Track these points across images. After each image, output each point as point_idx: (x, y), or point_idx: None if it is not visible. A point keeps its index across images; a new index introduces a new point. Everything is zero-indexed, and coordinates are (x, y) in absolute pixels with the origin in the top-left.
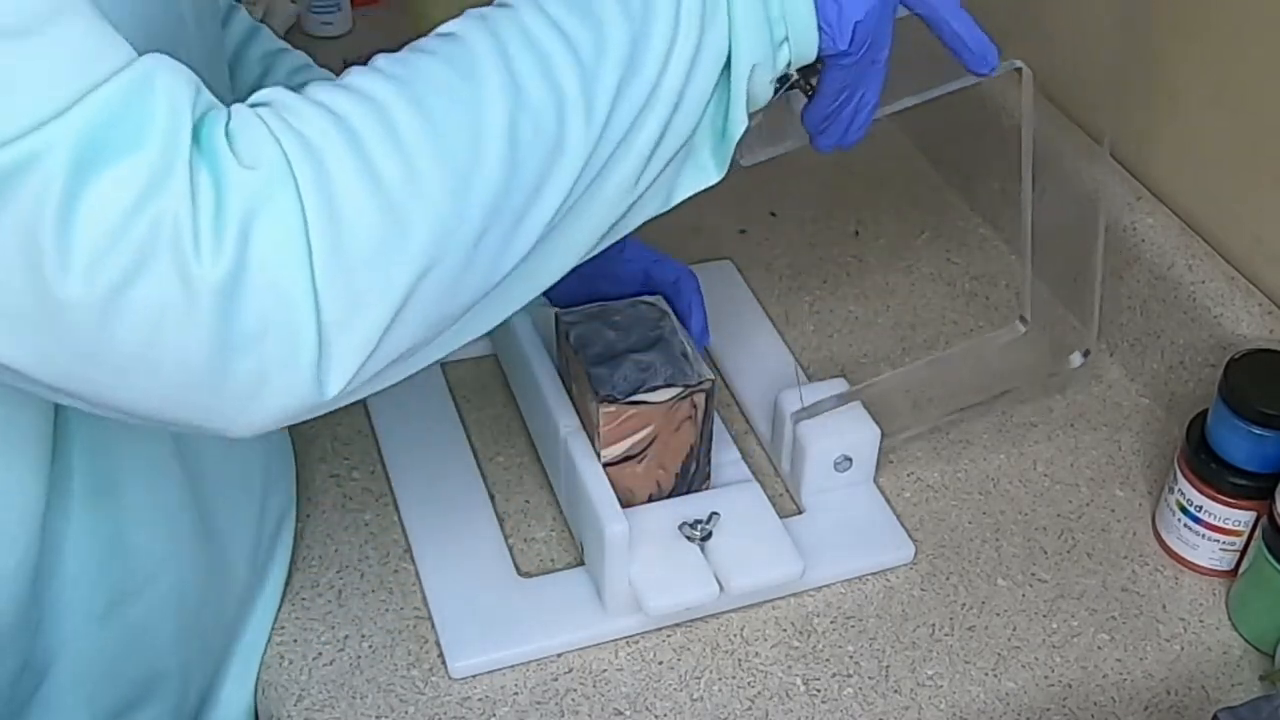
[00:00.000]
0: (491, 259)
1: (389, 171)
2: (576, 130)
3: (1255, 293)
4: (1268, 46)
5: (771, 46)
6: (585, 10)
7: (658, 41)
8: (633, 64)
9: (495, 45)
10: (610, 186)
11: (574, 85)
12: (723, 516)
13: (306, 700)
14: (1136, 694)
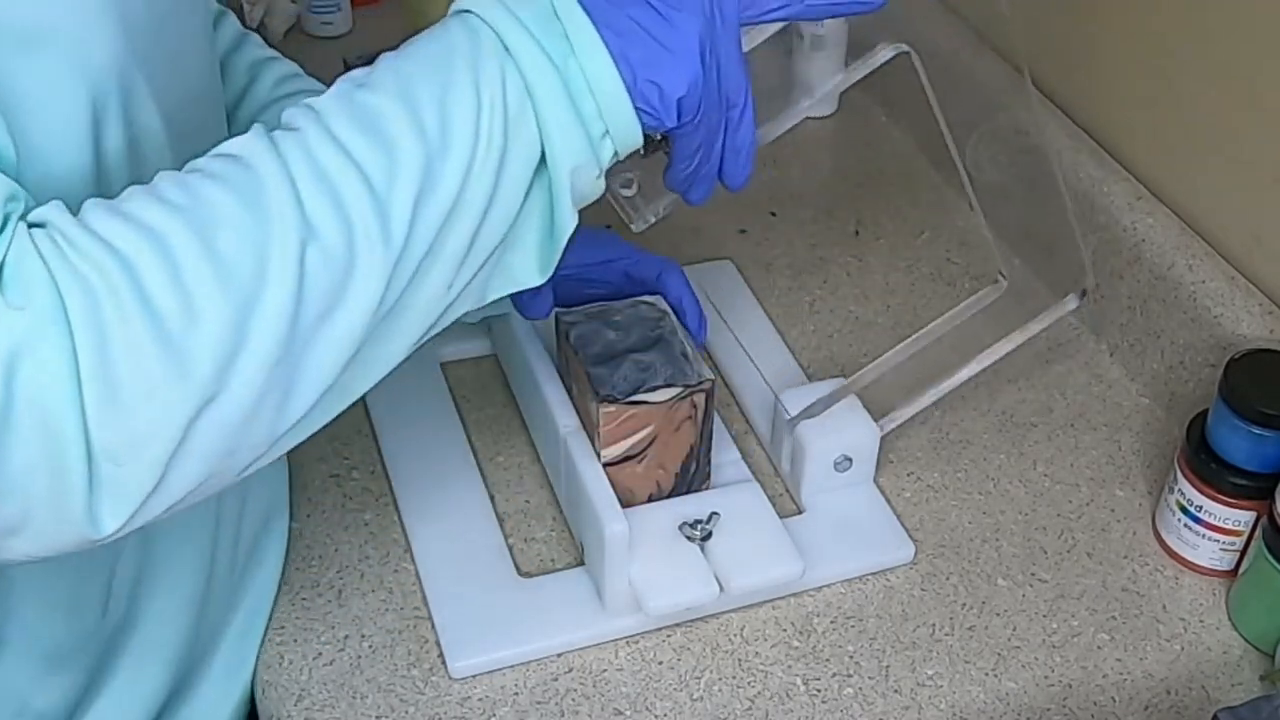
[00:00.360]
0: (286, 387)
1: (167, 307)
2: (372, 254)
3: (1255, 293)
4: (1268, 46)
5: (591, 145)
6: (375, 131)
7: (456, 156)
8: (429, 181)
9: (282, 174)
10: (421, 297)
11: (366, 211)
12: (723, 516)
13: (306, 700)
14: (1136, 694)
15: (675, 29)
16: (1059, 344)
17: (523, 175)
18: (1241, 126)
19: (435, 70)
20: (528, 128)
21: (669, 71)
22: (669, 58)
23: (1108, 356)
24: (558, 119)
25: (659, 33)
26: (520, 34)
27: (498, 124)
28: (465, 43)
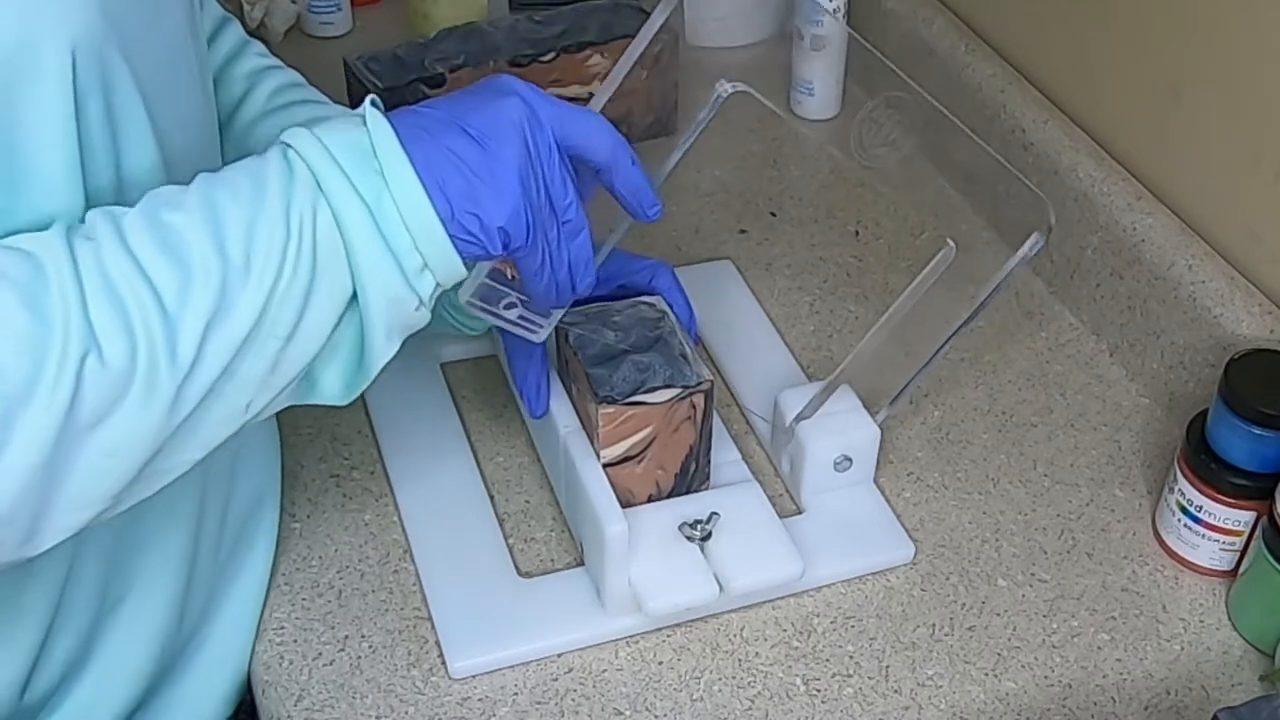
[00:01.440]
0: (45, 493)
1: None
2: (155, 373)
3: (1255, 293)
4: (1268, 46)
5: (406, 279)
6: (174, 250)
7: (257, 284)
8: (225, 306)
9: (72, 281)
10: (214, 415)
11: (154, 329)
12: (723, 516)
13: (306, 700)
14: (1136, 694)
15: (493, 158)
16: (1059, 344)
17: (332, 308)
18: (1241, 126)
19: (247, 198)
20: (338, 263)
21: (488, 202)
22: (488, 188)
23: (1108, 356)
24: (369, 256)
25: (477, 163)
26: (333, 171)
27: (305, 257)
28: (281, 175)
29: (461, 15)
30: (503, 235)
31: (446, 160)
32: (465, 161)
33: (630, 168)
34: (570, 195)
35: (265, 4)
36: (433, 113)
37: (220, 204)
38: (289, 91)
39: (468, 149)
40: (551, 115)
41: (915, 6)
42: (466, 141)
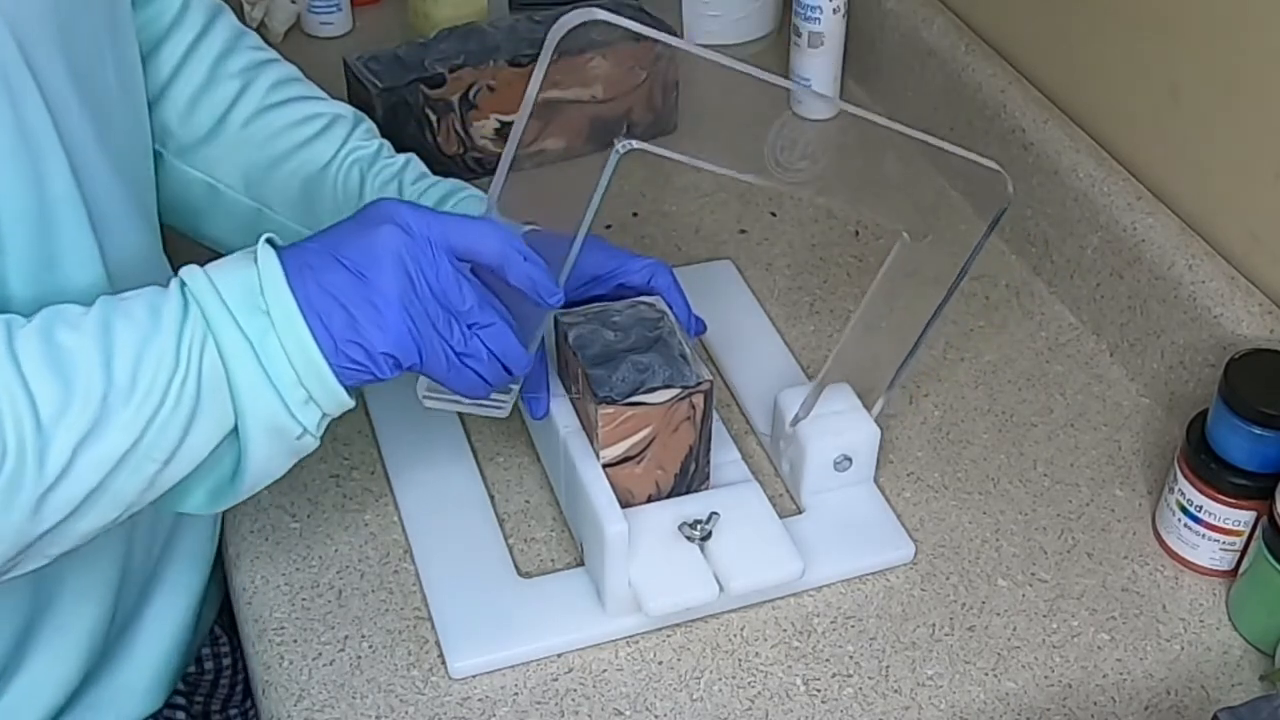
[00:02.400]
0: None
1: None
2: (20, 480)
3: (1255, 293)
4: (1267, 46)
5: (289, 411)
6: (60, 366)
7: (138, 408)
8: (103, 425)
9: None
10: (83, 525)
11: (26, 439)
12: (723, 516)
13: (306, 700)
14: (1136, 694)
15: (372, 289)
16: (1059, 344)
17: (212, 436)
18: (1241, 126)
19: (143, 327)
20: (221, 397)
21: (370, 331)
22: (368, 319)
23: (1108, 356)
24: (251, 390)
25: (356, 295)
26: (220, 312)
27: (190, 388)
28: (176, 309)
29: (461, 15)
30: (389, 360)
31: (327, 295)
32: (346, 295)
33: (522, 265)
34: (469, 299)
35: (265, 4)
36: (315, 247)
37: (115, 328)
38: (289, 86)
39: (347, 283)
40: (434, 231)
41: (915, 6)
42: (345, 275)
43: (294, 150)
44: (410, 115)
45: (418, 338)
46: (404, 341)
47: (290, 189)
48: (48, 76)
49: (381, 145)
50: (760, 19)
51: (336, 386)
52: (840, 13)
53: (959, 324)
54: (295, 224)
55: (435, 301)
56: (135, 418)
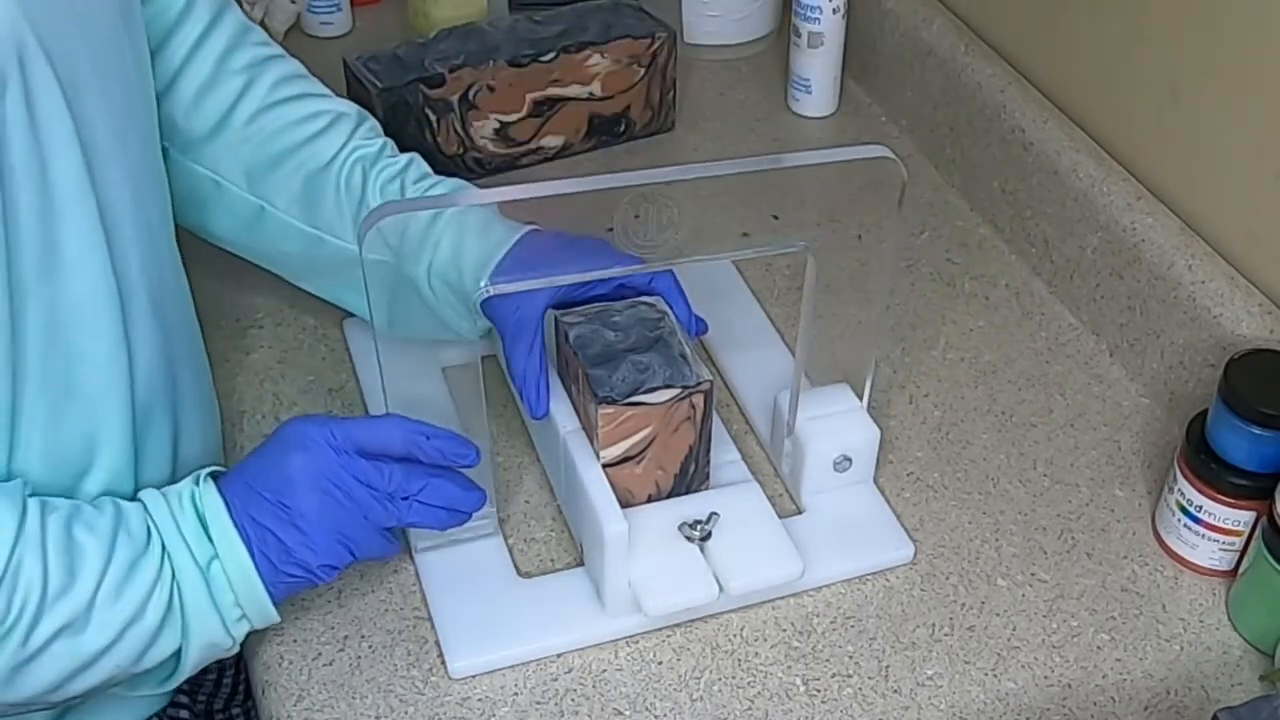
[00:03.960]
0: None
1: None
2: (8, 645)
3: (1255, 293)
4: (1267, 46)
5: (226, 628)
6: (71, 560)
7: (116, 615)
8: (83, 622)
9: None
10: (37, 695)
11: (27, 610)
12: (722, 517)
13: (306, 700)
14: (1136, 694)
15: (294, 514)
16: (1059, 344)
17: (166, 649)
18: (1241, 126)
19: (138, 544)
20: (175, 617)
21: (302, 552)
22: (298, 542)
23: (1108, 356)
24: (198, 614)
25: (282, 524)
26: (177, 543)
27: (159, 606)
28: (153, 536)
29: (461, 15)
30: (327, 570)
31: (260, 527)
32: (273, 524)
33: (429, 445)
34: (393, 480)
35: (265, 4)
36: (240, 482)
37: (119, 541)
38: (293, 84)
39: (271, 514)
40: (338, 439)
41: (915, 6)
42: (269, 507)
43: (297, 147)
44: (410, 115)
45: (347, 541)
46: (334, 550)
47: (292, 186)
48: (66, 69)
49: (385, 144)
50: (760, 19)
51: (269, 607)
52: (840, 13)
53: (959, 324)
54: (297, 221)
55: (356, 502)
56: (113, 622)
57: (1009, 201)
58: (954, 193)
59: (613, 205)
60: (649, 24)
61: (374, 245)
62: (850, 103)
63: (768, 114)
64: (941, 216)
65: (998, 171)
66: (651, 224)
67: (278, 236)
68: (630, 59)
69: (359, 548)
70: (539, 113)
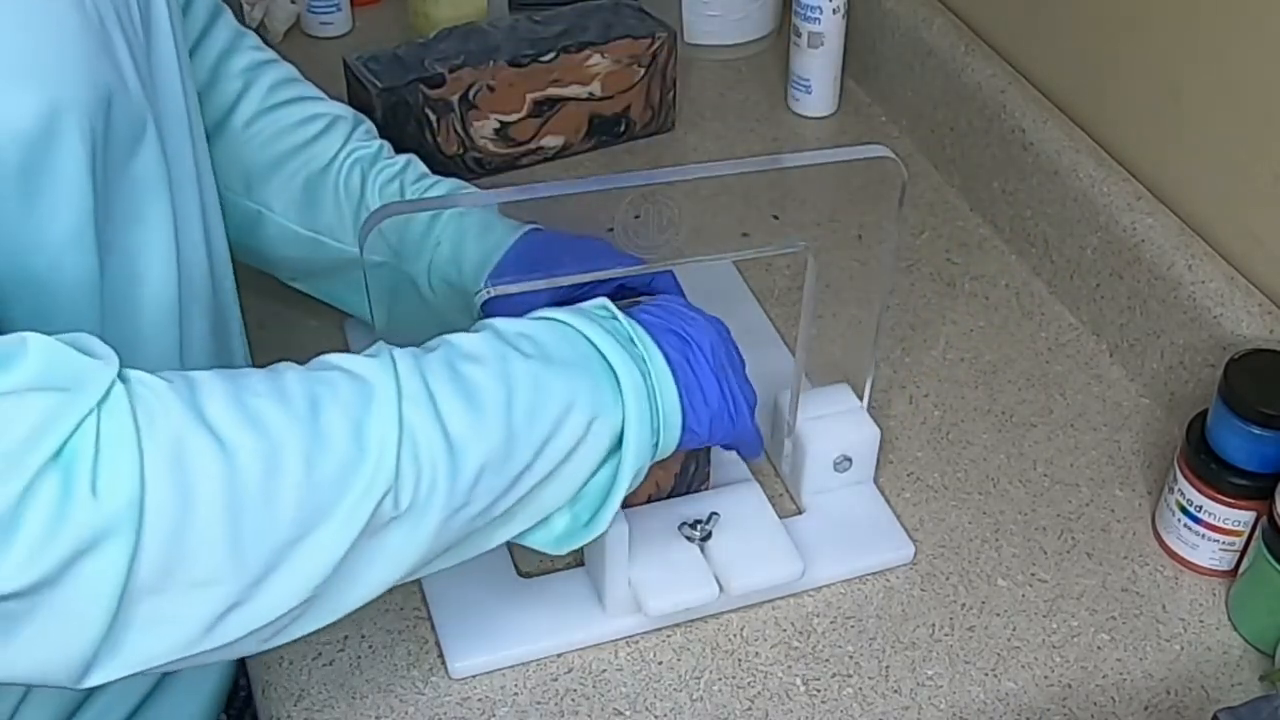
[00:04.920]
0: (306, 607)
1: (251, 513)
2: (430, 506)
3: (1255, 293)
4: (1268, 46)
5: (648, 458)
6: (469, 394)
7: (549, 455)
8: (509, 458)
9: (394, 423)
10: (469, 544)
11: (440, 470)
12: (723, 516)
13: (306, 700)
14: (1136, 694)
15: (698, 354)
16: (1059, 344)
17: (597, 482)
18: (1241, 127)
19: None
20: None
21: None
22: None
23: (1108, 356)
24: (639, 442)
25: (690, 363)
26: (633, 376)
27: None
28: (591, 362)
29: (461, 15)
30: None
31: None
32: (688, 362)
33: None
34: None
35: (265, 4)
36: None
37: (544, 383)
38: (288, 87)
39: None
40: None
41: (915, 6)
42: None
43: (296, 150)
44: (410, 115)
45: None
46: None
47: (292, 189)
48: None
49: (382, 146)
50: (760, 19)
51: (678, 438)
52: (840, 13)
53: (959, 324)
54: (296, 225)
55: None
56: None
57: (1009, 201)
58: (954, 193)
59: (613, 205)
60: (649, 24)
61: (374, 246)
62: (850, 103)
63: (768, 114)
64: (941, 216)
65: (998, 171)
66: (651, 224)
67: (276, 241)
68: (630, 59)
69: (741, 417)
70: (539, 113)
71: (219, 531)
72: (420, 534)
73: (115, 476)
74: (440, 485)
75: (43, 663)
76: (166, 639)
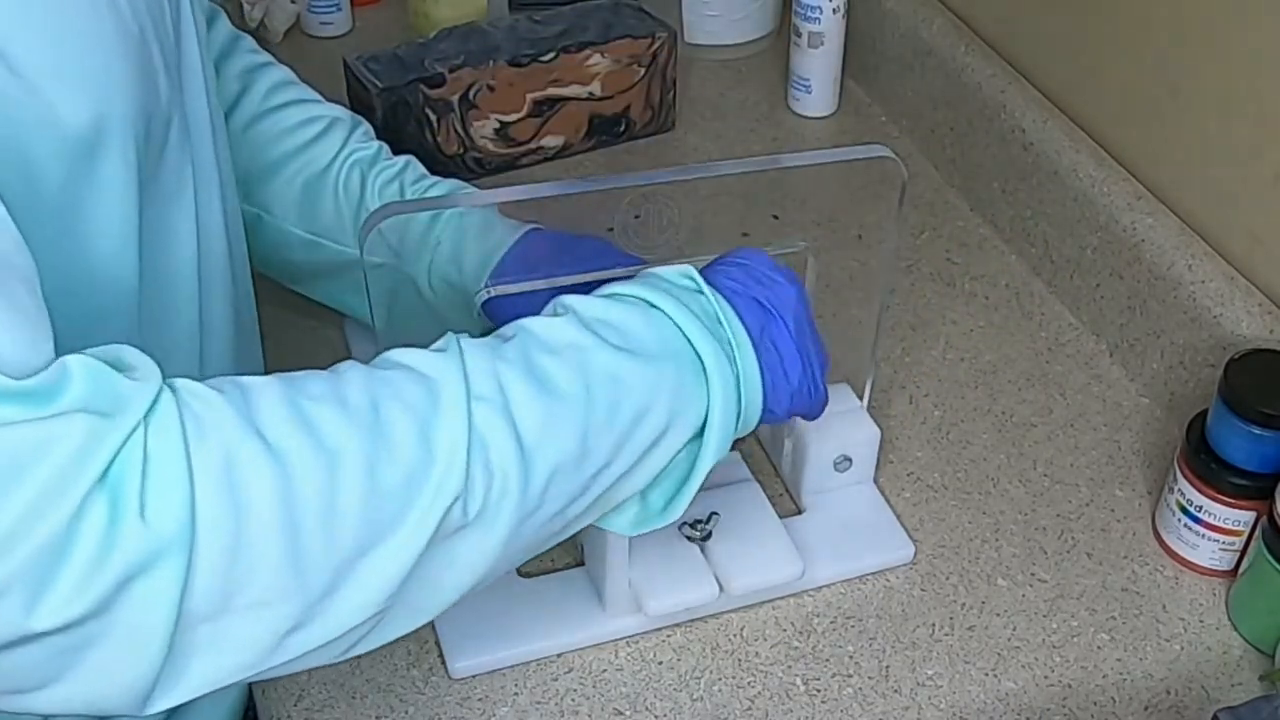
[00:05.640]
0: (375, 622)
1: (310, 529)
2: (501, 510)
3: (1255, 293)
4: (1268, 46)
5: (728, 445)
6: (544, 385)
7: (632, 448)
8: (584, 459)
9: (463, 426)
10: (542, 534)
11: (511, 474)
12: (723, 516)
13: (306, 700)
14: (1136, 694)
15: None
16: (1059, 344)
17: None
18: (1241, 126)
19: (651, 378)
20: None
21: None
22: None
23: (1108, 356)
24: (721, 432)
25: (783, 347)
26: (721, 365)
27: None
28: (679, 354)
29: (461, 15)
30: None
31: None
32: (779, 348)
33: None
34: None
35: (265, 4)
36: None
37: (626, 382)
38: (283, 90)
39: (781, 335)
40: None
41: (915, 6)
42: (780, 327)
43: (295, 153)
44: (410, 115)
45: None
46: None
47: (291, 192)
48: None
49: (381, 147)
50: (760, 19)
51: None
52: (840, 13)
53: (959, 324)
54: (295, 228)
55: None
56: (621, 464)
57: (1009, 201)
58: (954, 193)
59: (613, 205)
60: (649, 24)
61: (374, 247)
62: (850, 103)
63: (768, 114)
64: (941, 216)
65: (998, 171)
66: (651, 224)
67: (276, 244)
68: (630, 59)
69: (818, 389)
70: (539, 113)
71: (277, 548)
72: (491, 541)
73: (164, 497)
74: (512, 490)
75: (102, 693)
76: (229, 661)
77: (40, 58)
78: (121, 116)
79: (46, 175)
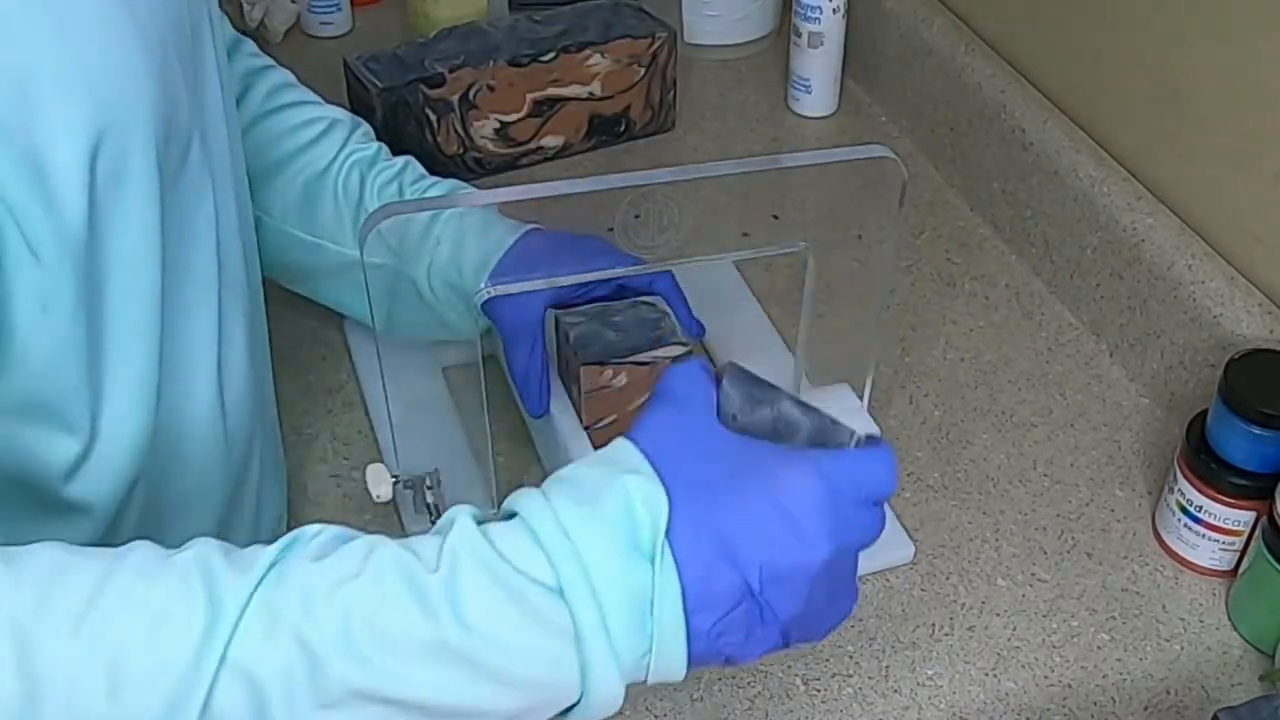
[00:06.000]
0: None
1: None
2: None
3: (1255, 293)
4: (1268, 46)
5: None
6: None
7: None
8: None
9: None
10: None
11: None
12: None
13: None
14: (1136, 694)
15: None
16: (1059, 344)
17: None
18: (1241, 126)
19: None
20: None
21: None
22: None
23: (1108, 356)
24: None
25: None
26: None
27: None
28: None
29: (461, 15)
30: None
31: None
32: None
33: None
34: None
35: (265, 4)
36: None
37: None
38: (283, 92)
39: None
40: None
41: (915, 6)
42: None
43: (294, 154)
44: (410, 115)
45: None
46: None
47: (291, 193)
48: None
49: (380, 148)
50: (760, 19)
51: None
52: (840, 13)
53: (959, 324)
54: (295, 230)
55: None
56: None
57: (1009, 201)
58: (954, 193)
59: (613, 205)
60: (649, 24)
61: (374, 248)
62: (850, 102)
63: (768, 114)
64: (941, 216)
65: (998, 171)
66: (651, 224)
67: (275, 246)
68: (630, 59)
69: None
70: (539, 113)
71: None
72: None
73: None
74: None
75: None
76: None
77: (59, 64)
78: (142, 127)
79: (67, 185)
